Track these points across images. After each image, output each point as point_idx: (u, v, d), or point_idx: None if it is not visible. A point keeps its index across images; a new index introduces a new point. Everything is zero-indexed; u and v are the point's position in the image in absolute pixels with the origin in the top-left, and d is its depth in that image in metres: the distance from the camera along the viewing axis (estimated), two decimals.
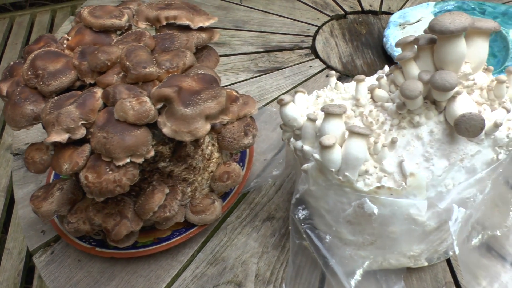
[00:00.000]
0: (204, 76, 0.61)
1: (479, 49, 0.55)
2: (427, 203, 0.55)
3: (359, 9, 1.18)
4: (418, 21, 1.01)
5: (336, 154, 0.53)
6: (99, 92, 0.60)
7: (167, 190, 0.64)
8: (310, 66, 1.02)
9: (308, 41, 1.11)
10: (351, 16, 1.17)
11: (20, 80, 0.64)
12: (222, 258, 0.70)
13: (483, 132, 0.54)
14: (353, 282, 0.58)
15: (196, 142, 0.66)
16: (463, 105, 0.53)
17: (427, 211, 0.56)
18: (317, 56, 1.06)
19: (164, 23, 0.69)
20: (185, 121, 0.56)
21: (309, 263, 0.66)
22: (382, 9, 1.17)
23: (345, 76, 1.00)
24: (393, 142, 0.54)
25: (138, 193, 0.65)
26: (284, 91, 0.98)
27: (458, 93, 0.53)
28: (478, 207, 0.60)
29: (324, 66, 1.03)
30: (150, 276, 0.69)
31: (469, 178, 0.56)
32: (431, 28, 0.51)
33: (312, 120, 0.57)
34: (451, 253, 0.65)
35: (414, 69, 0.55)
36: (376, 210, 0.54)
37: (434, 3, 1.05)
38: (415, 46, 0.56)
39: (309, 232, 0.60)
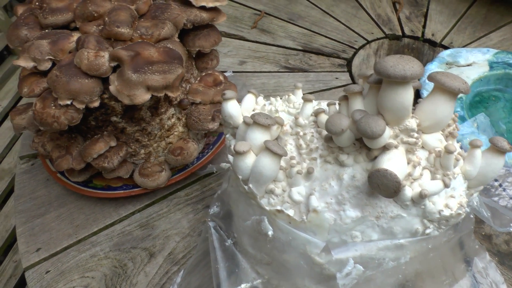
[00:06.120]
0: (169, 50, 0.62)
1: (439, 107, 0.49)
2: (324, 246, 0.51)
3: (419, 35, 1.08)
4: (468, 65, 0.89)
5: (246, 163, 0.52)
6: (75, 36, 0.64)
7: (113, 143, 0.67)
8: (337, 78, 0.96)
9: (349, 52, 1.05)
10: (406, 40, 1.07)
11: (32, 7, 0.71)
12: (152, 226, 0.72)
13: (409, 197, 0.49)
14: None
15: (156, 110, 0.68)
16: (390, 160, 0.48)
17: (327, 255, 0.52)
18: (350, 70, 1.00)
19: None
20: (128, 84, 0.58)
21: None
22: (443, 42, 1.04)
23: None
24: (309, 173, 0.51)
25: None
26: None
27: (390, 146, 0.49)
28: (391, 273, 0.55)
29: (350, 82, 0.97)
30: (89, 217, 0.74)
31: (385, 239, 0.52)
32: (374, 67, 0.47)
33: (246, 123, 0.55)
34: None
35: (358, 104, 0.51)
36: (271, 232, 0.53)
37: (495, 51, 0.91)
38: None
39: (212, 229, 0.60)
